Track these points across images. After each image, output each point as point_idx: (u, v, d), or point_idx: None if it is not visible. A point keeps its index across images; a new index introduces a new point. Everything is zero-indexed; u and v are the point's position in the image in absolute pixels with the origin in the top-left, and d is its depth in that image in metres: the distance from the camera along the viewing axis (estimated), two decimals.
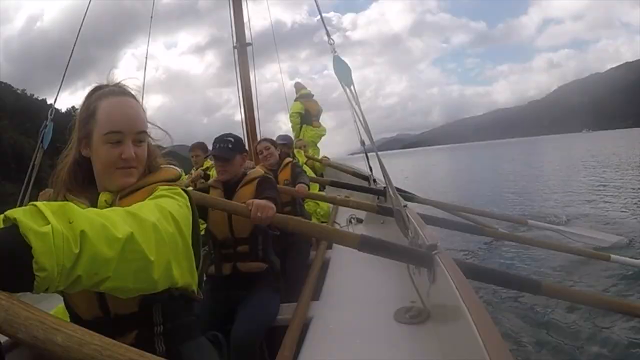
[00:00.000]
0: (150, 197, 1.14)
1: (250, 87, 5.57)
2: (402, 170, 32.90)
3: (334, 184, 5.11)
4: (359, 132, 2.50)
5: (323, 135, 7.86)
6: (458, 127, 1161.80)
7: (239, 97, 5.55)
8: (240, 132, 5.60)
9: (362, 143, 5.14)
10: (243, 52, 5.53)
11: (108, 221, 0.80)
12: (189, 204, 1.20)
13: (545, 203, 10.65)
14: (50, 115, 3.79)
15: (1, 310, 0.61)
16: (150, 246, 0.87)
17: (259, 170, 2.78)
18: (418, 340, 1.76)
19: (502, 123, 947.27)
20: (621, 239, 5.68)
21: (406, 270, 2.13)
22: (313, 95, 7.88)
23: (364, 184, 5.40)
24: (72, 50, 4.29)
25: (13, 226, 0.68)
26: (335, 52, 2.81)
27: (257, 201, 2.10)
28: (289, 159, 4.13)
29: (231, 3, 5.51)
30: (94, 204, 1.19)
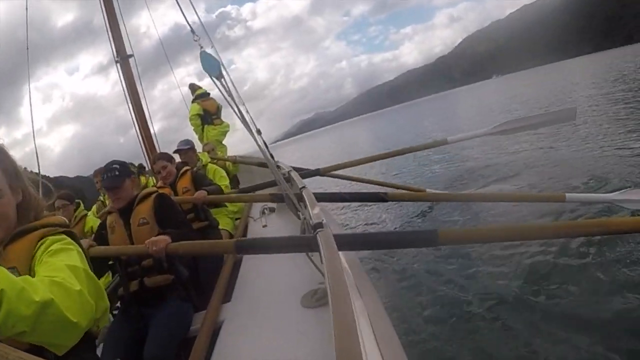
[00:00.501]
0: (47, 252, 1.24)
1: (139, 101, 5.30)
2: (318, 151, 33.06)
3: (241, 191, 5.05)
4: (243, 124, 2.44)
5: (226, 131, 7.79)
6: (372, 95, 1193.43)
7: (130, 113, 5.28)
8: (158, 144, 5.42)
9: (258, 132, 5.07)
10: (126, 64, 5.24)
11: (30, 286, 0.93)
12: (79, 248, 1.32)
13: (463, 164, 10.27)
14: None
15: None
16: (73, 310, 1.00)
17: (150, 189, 2.86)
18: (324, 322, 1.76)
19: (414, 83, 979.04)
20: None
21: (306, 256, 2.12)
22: (209, 94, 7.74)
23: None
24: None
25: None
26: (201, 47, 2.72)
27: (152, 239, 2.29)
28: (186, 167, 4.09)
29: (105, 16, 5.21)
30: None
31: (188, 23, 3.07)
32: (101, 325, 1.40)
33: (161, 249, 2.21)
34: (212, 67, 2.58)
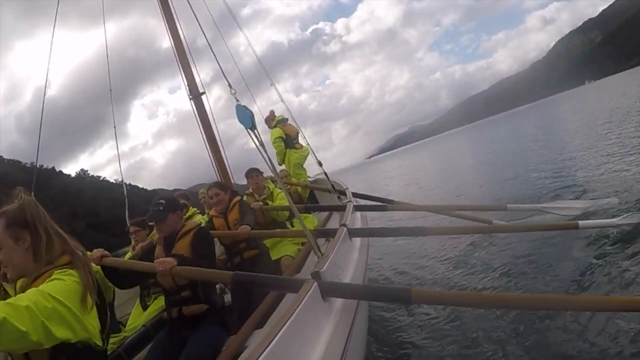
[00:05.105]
0: (47, 280, 1.68)
1: (212, 132, 5.85)
2: (402, 171, 32.21)
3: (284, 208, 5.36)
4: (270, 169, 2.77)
5: (307, 155, 8.06)
6: (467, 106, 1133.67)
7: (205, 146, 5.84)
8: (256, 159, 5.95)
9: (320, 164, 5.39)
10: (199, 102, 5.83)
11: None
12: (79, 279, 1.73)
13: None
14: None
15: None
16: (23, 322, 1.39)
17: (192, 223, 3.16)
18: None
19: (510, 92, 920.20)
20: (609, 201, 5.56)
21: None
22: (287, 120, 8.13)
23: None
24: (42, 111, 4.82)
25: None
26: (237, 100, 3.04)
27: (161, 259, 2.61)
28: (236, 199, 4.42)
29: (178, 60, 5.82)
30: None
31: (225, 78, 3.44)
32: (100, 342, 1.75)
33: (167, 269, 2.52)
34: (246, 119, 2.93)
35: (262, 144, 2.87)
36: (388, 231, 4.02)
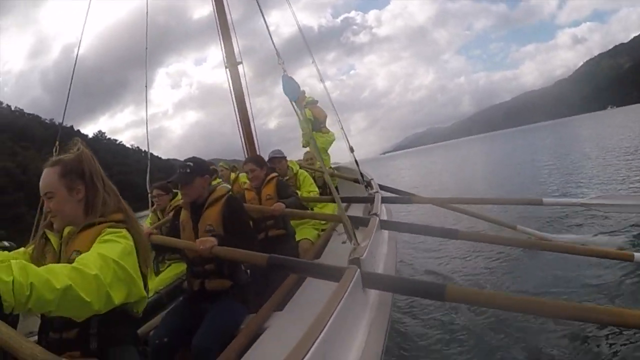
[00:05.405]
0: (99, 238, 1.61)
1: (244, 103, 5.72)
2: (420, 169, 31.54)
3: (327, 200, 5.17)
4: (312, 145, 2.68)
5: (332, 140, 7.89)
6: (488, 115, 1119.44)
7: (235, 116, 5.73)
8: (274, 141, 5.84)
9: (351, 149, 5.22)
10: (235, 71, 5.70)
11: (52, 276, 1.26)
12: (132, 242, 1.66)
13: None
14: (56, 148, 4.11)
15: None
16: (89, 292, 1.34)
17: (222, 189, 2.94)
18: None
19: (531, 106, 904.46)
20: None
21: None
22: (317, 102, 7.95)
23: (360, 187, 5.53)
24: (73, 72, 4.84)
25: None
26: (285, 71, 2.92)
27: (202, 239, 2.57)
28: (273, 174, 4.27)
29: (219, 27, 5.70)
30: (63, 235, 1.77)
31: (273, 44, 3.31)
32: (140, 310, 1.74)
33: (207, 248, 2.48)
34: (293, 91, 2.79)
35: (305, 119, 2.75)
36: (417, 228, 3.84)
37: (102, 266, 1.42)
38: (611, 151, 16.33)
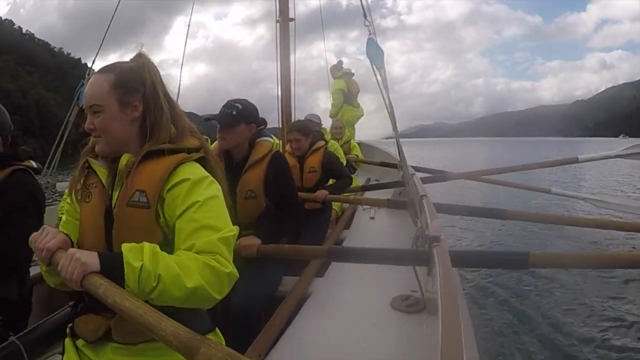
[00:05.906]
0: (192, 203, 1.21)
1: (288, 62, 5.54)
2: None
3: (364, 188, 5.11)
4: (390, 116, 2.54)
5: (361, 116, 7.73)
6: (498, 120, 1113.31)
7: (277, 72, 5.55)
8: (274, 108, 5.64)
9: (394, 127, 5.07)
10: (285, 26, 5.50)
11: (184, 271, 1.08)
12: (217, 184, 1.31)
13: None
14: (88, 74, 3.96)
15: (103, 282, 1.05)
16: (221, 289, 1.16)
17: (266, 145, 2.50)
18: (408, 329, 1.81)
19: (544, 120, 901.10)
20: None
21: None
22: (354, 74, 7.76)
23: (393, 171, 5.41)
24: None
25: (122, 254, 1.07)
26: (370, 33, 2.78)
27: (243, 243, 2.21)
28: (321, 143, 3.91)
29: None
30: (115, 164, 1.32)
31: (363, 7, 3.16)
32: None
33: (253, 253, 2.21)
34: (377, 56, 2.66)
35: (386, 86, 2.63)
36: (465, 209, 3.73)
37: (228, 255, 1.19)
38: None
